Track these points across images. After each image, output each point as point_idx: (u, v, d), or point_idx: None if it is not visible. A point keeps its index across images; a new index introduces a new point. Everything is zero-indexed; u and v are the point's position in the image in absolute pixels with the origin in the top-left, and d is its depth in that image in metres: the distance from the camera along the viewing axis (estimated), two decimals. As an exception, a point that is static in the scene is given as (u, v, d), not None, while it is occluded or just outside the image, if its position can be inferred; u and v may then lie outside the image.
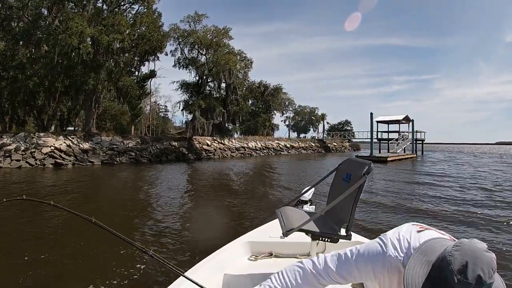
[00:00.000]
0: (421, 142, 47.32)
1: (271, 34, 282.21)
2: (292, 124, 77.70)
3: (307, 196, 3.58)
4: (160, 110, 71.42)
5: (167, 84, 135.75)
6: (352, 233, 2.34)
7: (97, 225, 1.86)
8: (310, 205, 3.60)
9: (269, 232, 3.06)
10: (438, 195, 12.31)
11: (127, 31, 30.28)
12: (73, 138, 26.03)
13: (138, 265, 5.04)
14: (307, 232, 2.24)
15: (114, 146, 27.99)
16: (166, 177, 18.14)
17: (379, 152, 41.77)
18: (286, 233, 2.15)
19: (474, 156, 48.91)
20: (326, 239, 2.28)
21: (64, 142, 24.89)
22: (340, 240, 2.31)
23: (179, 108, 42.52)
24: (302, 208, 3.46)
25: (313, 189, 3.44)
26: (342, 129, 77.07)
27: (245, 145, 44.60)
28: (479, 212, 9.18)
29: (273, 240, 2.87)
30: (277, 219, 2.65)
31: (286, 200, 10.53)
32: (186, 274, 1.81)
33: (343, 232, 2.36)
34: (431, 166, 27.15)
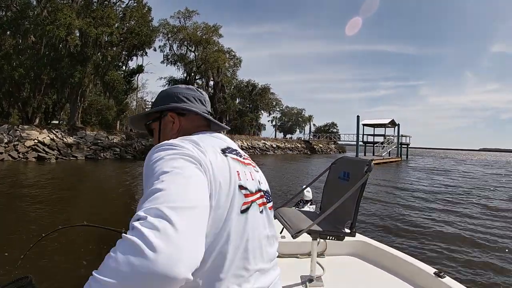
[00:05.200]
0: (406, 146, 47.75)
1: (263, 35, 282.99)
2: (278, 124, 77.85)
3: (309, 196, 3.57)
4: (147, 106, 70.90)
5: (154, 80, 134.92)
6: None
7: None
8: (310, 204, 3.59)
9: None
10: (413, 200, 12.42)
11: (116, 24, 30.01)
12: (57, 132, 25.62)
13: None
14: (312, 232, 2.21)
15: (99, 141, 27.64)
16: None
17: (364, 155, 42.07)
18: (295, 235, 2.13)
19: (465, 164, 49.35)
20: (332, 238, 2.27)
21: (48, 136, 24.48)
22: (346, 238, 2.30)
23: (166, 104, 42.31)
24: (303, 207, 3.44)
25: (309, 188, 3.44)
26: (328, 131, 77.36)
27: (231, 144, 44.48)
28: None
29: None
30: (275, 220, 2.61)
31: (279, 201, 10.51)
32: None
33: (345, 230, 2.34)
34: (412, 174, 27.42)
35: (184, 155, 0.83)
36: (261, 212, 1.03)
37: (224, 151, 1.00)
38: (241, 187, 0.95)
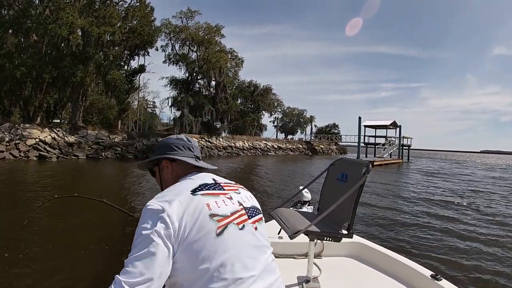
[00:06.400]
0: (407, 147, 47.64)
1: (264, 36, 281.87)
2: (280, 125, 77.78)
3: (308, 196, 3.57)
4: (148, 105, 70.98)
5: (156, 79, 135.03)
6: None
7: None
8: (308, 205, 3.58)
9: (266, 232, 2.99)
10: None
11: (119, 24, 30.02)
12: (58, 131, 25.65)
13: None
14: (309, 232, 2.20)
15: (100, 141, 27.65)
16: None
17: (366, 156, 42.05)
18: (292, 236, 2.11)
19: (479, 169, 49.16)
20: (329, 239, 2.25)
21: (49, 135, 24.51)
22: (343, 239, 2.29)
23: (168, 104, 42.30)
24: (301, 208, 3.43)
25: (307, 189, 3.43)
26: (329, 132, 77.12)
27: (233, 144, 44.46)
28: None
29: (271, 240, 2.77)
30: (273, 220, 2.62)
31: (278, 202, 10.49)
32: None
33: (342, 231, 2.34)
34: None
35: (153, 231, 1.09)
36: (242, 228, 1.24)
37: (194, 191, 1.24)
38: (212, 215, 1.18)
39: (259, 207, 1.46)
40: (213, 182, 1.37)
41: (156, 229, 1.09)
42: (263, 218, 1.44)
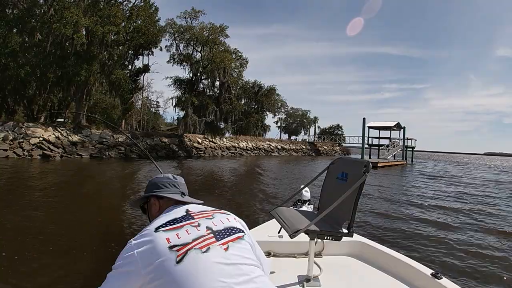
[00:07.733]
0: (411, 149, 47.52)
1: (268, 37, 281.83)
2: (283, 125, 77.74)
3: (308, 196, 3.57)
4: (152, 105, 71.09)
5: (160, 79, 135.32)
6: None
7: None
8: (308, 204, 3.57)
9: (267, 231, 3.05)
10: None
11: (123, 23, 30.08)
12: (62, 130, 25.73)
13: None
14: (309, 231, 2.20)
15: (104, 140, 27.73)
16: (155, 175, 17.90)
17: (369, 158, 41.96)
18: (292, 235, 2.11)
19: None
20: (329, 238, 2.25)
21: (53, 134, 24.59)
22: (343, 238, 2.29)
23: (172, 104, 42.28)
24: (301, 207, 3.43)
25: (307, 188, 3.43)
26: (333, 133, 77.05)
27: (236, 144, 44.53)
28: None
29: (271, 240, 2.86)
30: (273, 219, 2.60)
31: (279, 201, 10.48)
32: None
33: (343, 230, 2.33)
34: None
35: (122, 267, 1.27)
36: (206, 251, 1.29)
37: (158, 228, 1.35)
38: (171, 247, 1.26)
39: (241, 227, 1.51)
40: (184, 214, 1.47)
41: (125, 266, 1.26)
42: (245, 237, 1.46)
